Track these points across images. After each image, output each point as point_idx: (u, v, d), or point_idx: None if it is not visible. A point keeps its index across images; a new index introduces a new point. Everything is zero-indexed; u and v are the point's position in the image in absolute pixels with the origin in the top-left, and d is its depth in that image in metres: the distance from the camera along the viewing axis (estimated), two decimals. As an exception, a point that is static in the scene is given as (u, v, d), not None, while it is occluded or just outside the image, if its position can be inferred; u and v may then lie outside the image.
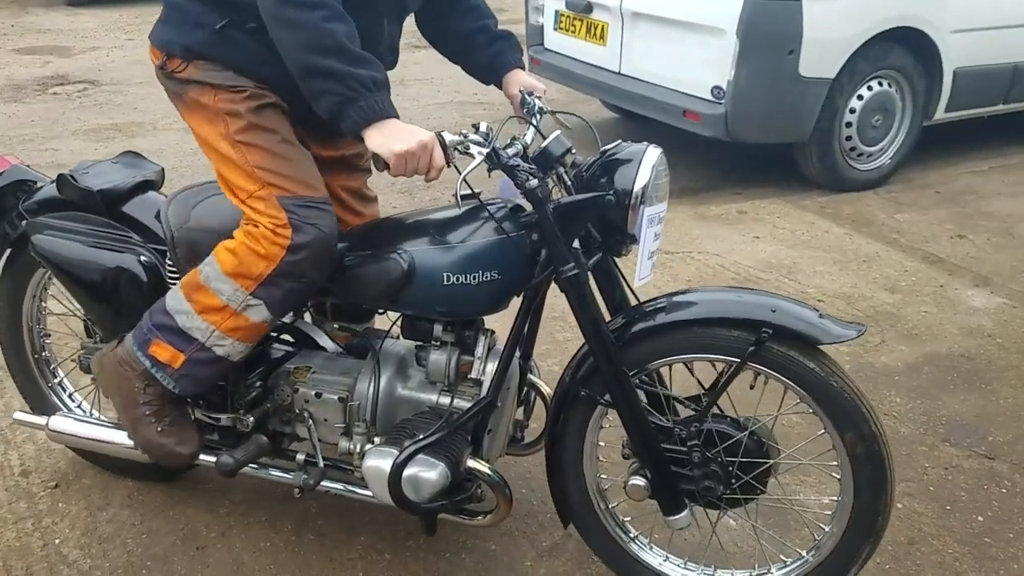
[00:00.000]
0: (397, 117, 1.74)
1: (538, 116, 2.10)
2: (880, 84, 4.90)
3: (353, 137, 1.75)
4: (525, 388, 2.27)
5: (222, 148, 1.95)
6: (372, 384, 2.09)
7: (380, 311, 2.20)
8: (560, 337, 3.31)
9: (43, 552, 2.32)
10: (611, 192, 1.82)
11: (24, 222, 2.28)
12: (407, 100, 6.72)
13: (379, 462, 1.96)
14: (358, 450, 2.08)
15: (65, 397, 2.64)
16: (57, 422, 2.39)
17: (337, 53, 1.70)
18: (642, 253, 1.86)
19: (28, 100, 6.80)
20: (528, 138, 2.00)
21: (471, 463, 2.00)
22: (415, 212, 2.12)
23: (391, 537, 2.37)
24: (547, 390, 2.31)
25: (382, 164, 1.72)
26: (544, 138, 1.94)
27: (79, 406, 2.65)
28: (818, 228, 4.53)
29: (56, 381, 2.63)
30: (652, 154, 1.85)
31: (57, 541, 2.36)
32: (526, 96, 2.14)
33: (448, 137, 1.75)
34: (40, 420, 2.43)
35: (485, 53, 2.21)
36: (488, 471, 2.00)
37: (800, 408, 1.91)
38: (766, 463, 1.95)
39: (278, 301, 1.96)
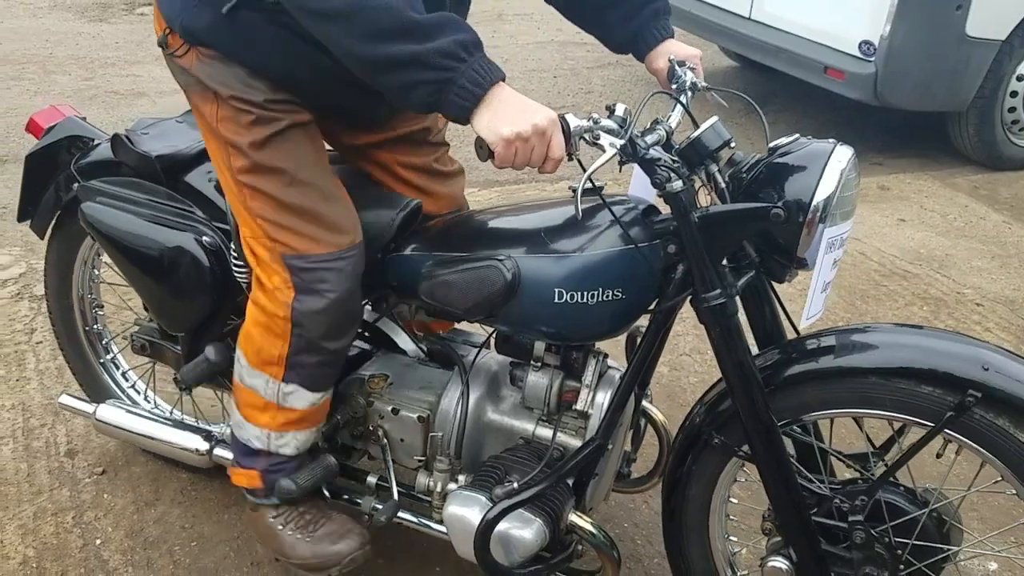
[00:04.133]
0: (503, 78, 1.32)
1: (689, 93, 1.67)
2: (1055, 49, 4.25)
3: (462, 123, 1.34)
4: (639, 410, 1.88)
5: (225, 178, 1.63)
6: (459, 406, 1.73)
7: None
8: (673, 329, 2.88)
9: (81, 554, 2.07)
10: (780, 204, 1.39)
11: (76, 185, 1.98)
12: (505, 37, 6.30)
13: (466, 512, 1.62)
14: (439, 489, 1.74)
15: (118, 375, 2.37)
16: (106, 412, 2.13)
17: (405, 32, 1.27)
18: (815, 285, 1.43)
19: (114, 20, 6.56)
20: (674, 121, 1.58)
21: (572, 518, 1.64)
22: (515, 205, 1.73)
23: (470, 571, 2.04)
24: (660, 416, 1.94)
25: (486, 152, 1.33)
26: (695, 122, 1.52)
27: (133, 386, 2.39)
28: (972, 213, 3.97)
29: (109, 358, 2.36)
30: (841, 156, 1.40)
31: (98, 542, 2.10)
32: (675, 67, 1.70)
33: (573, 121, 1.34)
34: (88, 408, 2.17)
35: (626, 25, 1.76)
36: (593, 529, 1.64)
37: (1000, 486, 1.47)
38: (947, 550, 1.53)
39: (315, 378, 1.66)
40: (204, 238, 1.82)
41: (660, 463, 1.94)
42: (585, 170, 1.33)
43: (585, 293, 1.51)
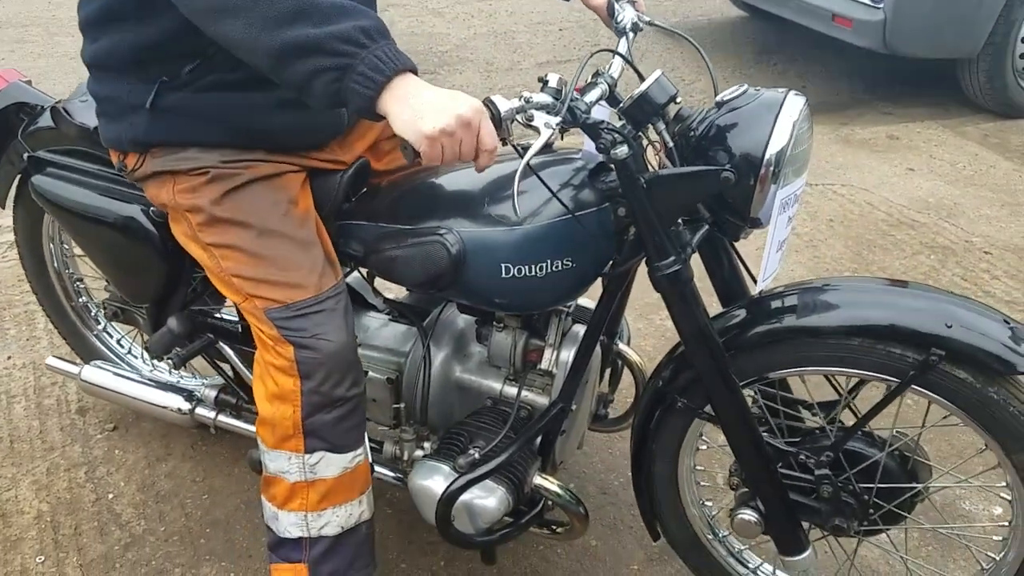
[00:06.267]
0: (413, 69, 1.21)
1: (631, 34, 1.58)
2: (1070, -9, 4.11)
3: (373, 118, 1.22)
4: (610, 357, 1.88)
5: (194, 252, 1.59)
6: (422, 371, 1.71)
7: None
8: (659, 321, 2.78)
9: (94, 508, 2.10)
10: (729, 167, 1.33)
11: (25, 155, 1.95)
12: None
13: (429, 483, 1.61)
14: (407, 457, 1.74)
15: (113, 343, 2.39)
16: (91, 373, 2.14)
17: (303, 14, 1.18)
18: (769, 246, 1.38)
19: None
20: (615, 71, 1.50)
21: (537, 479, 1.64)
22: (458, 168, 1.60)
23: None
24: (636, 358, 1.92)
25: (411, 153, 1.20)
26: (640, 75, 1.44)
27: (129, 351, 2.41)
28: (982, 161, 3.88)
29: (101, 327, 2.38)
30: (792, 107, 1.33)
31: (110, 496, 2.14)
32: (614, 3, 1.62)
33: (503, 104, 1.22)
34: (73, 369, 2.18)
35: None
36: (558, 490, 1.64)
37: (951, 420, 1.46)
38: (913, 488, 1.51)
39: (339, 436, 1.54)
40: (152, 209, 1.74)
41: (636, 404, 1.91)
42: (522, 156, 1.23)
43: (533, 266, 1.45)
